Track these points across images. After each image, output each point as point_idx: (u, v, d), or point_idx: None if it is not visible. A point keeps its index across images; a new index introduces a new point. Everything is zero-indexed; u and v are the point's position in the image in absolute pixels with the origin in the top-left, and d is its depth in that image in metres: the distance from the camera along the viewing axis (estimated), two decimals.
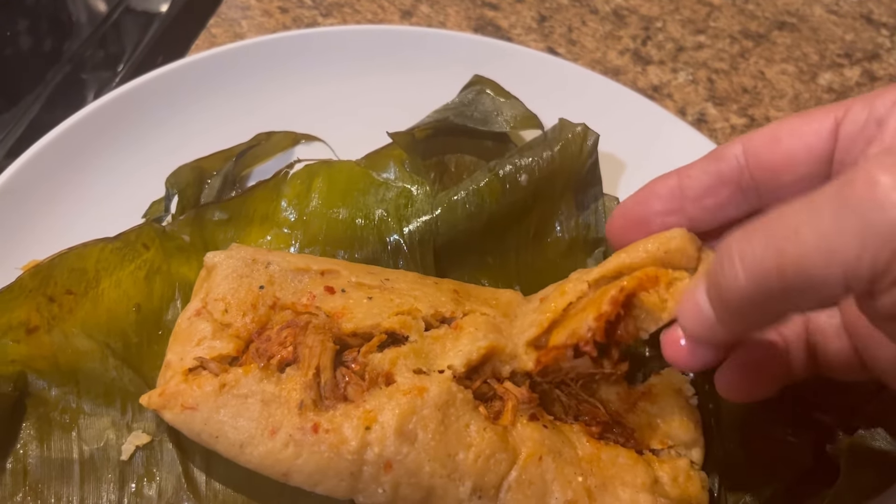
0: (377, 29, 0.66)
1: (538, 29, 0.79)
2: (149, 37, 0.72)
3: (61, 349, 0.50)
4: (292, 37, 0.64)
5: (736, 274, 0.33)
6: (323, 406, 0.46)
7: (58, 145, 0.55)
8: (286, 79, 0.64)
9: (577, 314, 0.46)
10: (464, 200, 0.58)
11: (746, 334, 0.36)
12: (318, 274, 0.52)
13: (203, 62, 0.61)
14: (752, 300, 0.33)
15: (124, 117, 0.59)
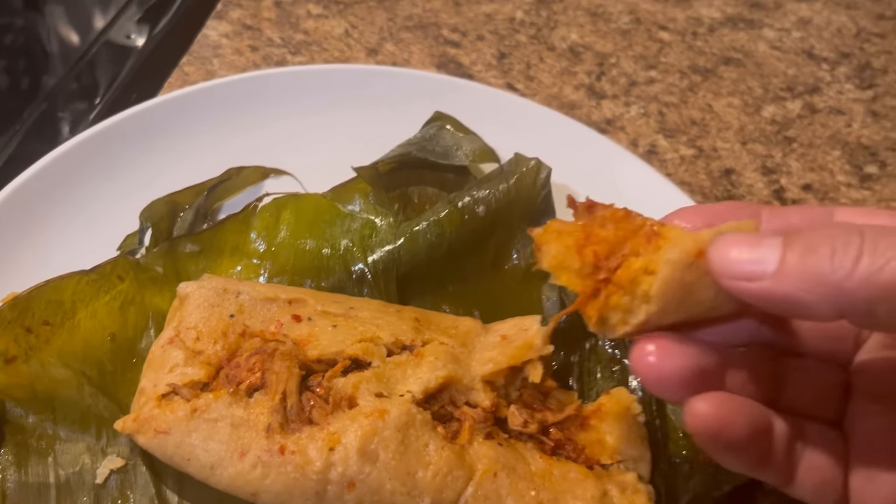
0: (343, 68, 0.69)
1: (498, 65, 0.83)
2: (123, 73, 0.75)
3: (38, 378, 0.52)
4: (262, 76, 0.67)
5: (857, 252, 0.31)
6: (289, 429, 0.48)
7: (35, 182, 0.58)
8: (256, 115, 0.67)
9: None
10: (425, 231, 0.61)
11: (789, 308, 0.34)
12: (286, 303, 0.55)
13: (176, 100, 0.64)
14: (848, 282, 0.31)
15: (100, 154, 0.61)
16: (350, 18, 0.84)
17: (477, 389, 0.52)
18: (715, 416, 0.37)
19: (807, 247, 0.33)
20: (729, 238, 0.35)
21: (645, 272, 0.37)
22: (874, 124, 0.84)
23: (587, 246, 0.39)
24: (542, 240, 0.40)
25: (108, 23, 0.79)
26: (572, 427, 0.54)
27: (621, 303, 0.38)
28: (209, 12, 0.83)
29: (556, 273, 0.39)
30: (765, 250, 0.34)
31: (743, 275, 0.34)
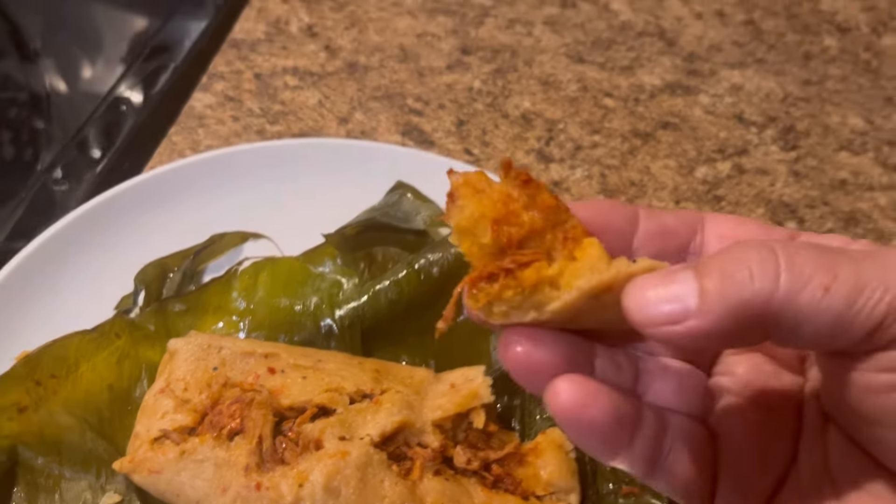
0: (314, 142, 0.78)
1: (456, 132, 0.92)
2: (117, 144, 0.83)
3: (46, 425, 0.59)
4: (241, 150, 0.75)
5: (774, 272, 0.31)
6: (264, 468, 0.56)
7: (40, 252, 0.66)
8: (236, 185, 0.75)
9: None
10: (386, 289, 0.70)
11: (714, 342, 0.32)
12: (262, 356, 0.63)
13: (164, 174, 0.72)
14: (768, 305, 0.31)
15: (97, 225, 0.69)
16: (323, 90, 0.93)
17: (428, 432, 0.60)
18: (576, 397, 0.34)
19: (723, 273, 0.31)
20: (641, 282, 0.33)
21: (550, 284, 0.34)
22: (795, 183, 0.93)
23: (504, 224, 0.34)
24: (458, 190, 0.35)
25: (103, 97, 0.87)
26: (511, 463, 0.63)
27: (513, 300, 0.34)
28: (195, 84, 0.91)
29: (461, 236, 0.35)
30: (680, 286, 0.32)
31: (664, 319, 0.32)
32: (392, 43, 0.99)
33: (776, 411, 0.39)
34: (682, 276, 0.32)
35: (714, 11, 1.11)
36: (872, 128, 1.00)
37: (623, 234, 0.39)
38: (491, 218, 0.34)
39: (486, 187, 0.35)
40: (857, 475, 0.36)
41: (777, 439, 0.39)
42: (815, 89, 1.04)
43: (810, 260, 0.31)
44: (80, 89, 0.90)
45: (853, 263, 0.31)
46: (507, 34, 1.03)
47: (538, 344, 0.35)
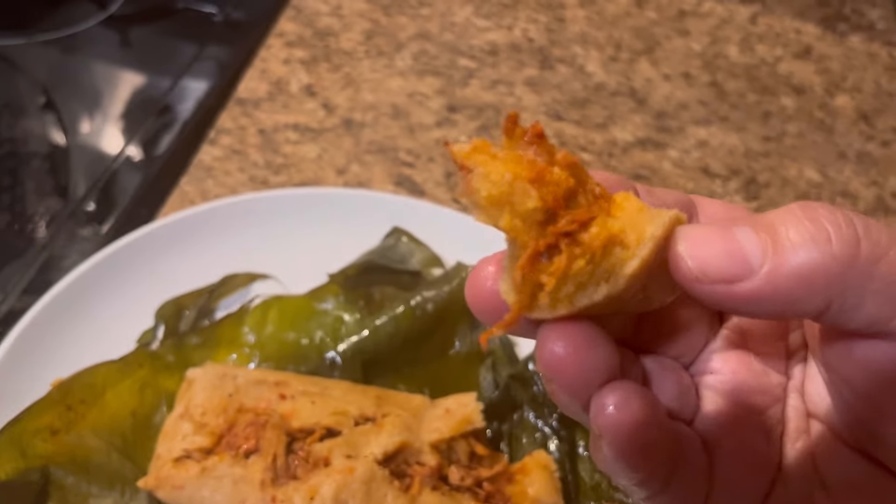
0: (318, 191, 0.85)
1: (445, 183, 0.99)
2: (132, 193, 0.90)
3: (76, 446, 0.65)
4: (251, 199, 0.82)
5: (853, 234, 0.28)
6: (278, 483, 0.62)
7: (72, 288, 0.72)
8: (246, 230, 0.81)
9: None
10: (385, 324, 0.76)
11: (773, 308, 0.29)
12: (274, 384, 0.69)
13: (180, 221, 0.79)
14: (847, 275, 0.28)
15: (120, 265, 0.75)
16: (322, 144, 1.00)
17: (426, 452, 0.66)
18: (640, 412, 0.30)
19: (798, 232, 0.28)
20: (695, 231, 0.29)
21: (620, 243, 0.28)
22: None
23: (542, 181, 0.27)
24: (472, 158, 0.28)
25: (118, 152, 0.94)
26: (501, 481, 0.69)
27: (583, 272, 0.28)
28: (203, 139, 0.98)
29: (492, 210, 0.28)
30: (744, 241, 0.28)
31: (722, 276, 0.28)
32: (385, 101, 1.07)
33: (764, 412, 0.37)
34: (744, 232, 0.28)
35: (681, 73, 1.21)
36: (827, 180, 1.09)
37: None
38: (527, 177, 0.27)
39: (498, 151, 0.28)
40: (849, 475, 0.35)
41: (766, 441, 0.37)
42: (773, 145, 1.13)
43: (883, 231, 0.28)
44: (89, 146, 0.96)
45: None
46: (490, 94, 1.12)
47: (587, 349, 0.30)
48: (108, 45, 1.09)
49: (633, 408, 0.30)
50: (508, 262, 0.30)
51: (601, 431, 0.30)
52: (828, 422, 0.35)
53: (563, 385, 0.30)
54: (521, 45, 1.20)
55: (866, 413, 0.32)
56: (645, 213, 0.29)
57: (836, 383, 0.33)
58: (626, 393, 0.30)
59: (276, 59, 1.10)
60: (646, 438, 0.30)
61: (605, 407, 0.30)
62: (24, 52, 1.05)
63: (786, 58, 1.27)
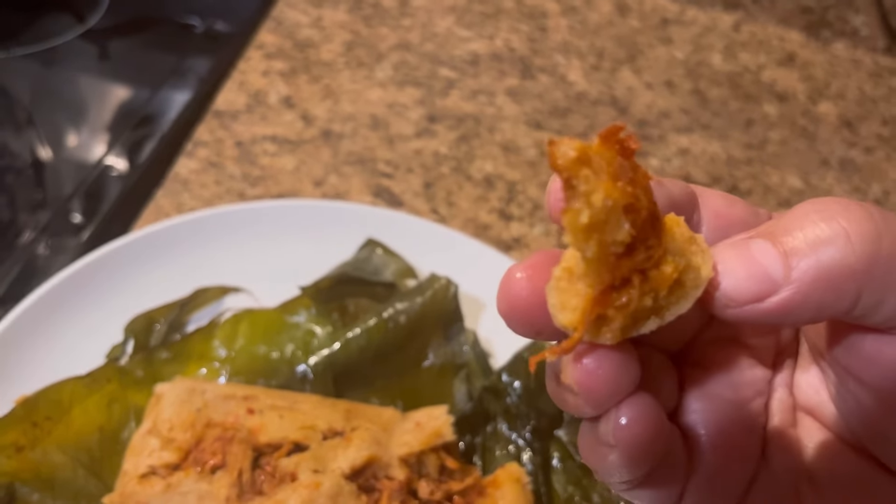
0: (291, 203, 0.84)
1: (424, 193, 0.99)
2: (105, 206, 0.90)
3: (42, 463, 0.64)
4: (223, 212, 0.82)
5: (876, 236, 0.27)
6: (244, 498, 0.61)
7: (38, 304, 0.71)
8: (219, 243, 0.81)
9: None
10: (357, 337, 0.75)
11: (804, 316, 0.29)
12: (242, 398, 0.68)
13: (151, 234, 0.78)
14: (873, 270, 0.27)
15: (90, 279, 0.74)
16: (300, 155, 1.00)
17: (394, 466, 0.65)
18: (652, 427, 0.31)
19: (815, 237, 0.28)
20: (727, 258, 0.29)
21: (678, 283, 0.28)
22: None
23: (633, 211, 0.26)
24: (575, 169, 0.25)
25: (93, 164, 0.94)
26: (472, 494, 0.68)
27: (644, 309, 0.28)
28: (179, 151, 0.98)
29: (589, 236, 0.26)
30: (763, 259, 0.28)
31: (750, 298, 0.28)
32: (364, 112, 1.07)
33: (747, 406, 0.37)
34: (761, 248, 0.28)
35: (663, 82, 1.21)
36: (809, 187, 1.09)
37: None
38: (623, 205, 0.26)
39: (597, 160, 0.26)
40: (839, 470, 0.35)
41: (748, 434, 0.37)
42: (756, 152, 1.13)
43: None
44: (69, 157, 0.96)
45: None
46: (470, 104, 1.11)
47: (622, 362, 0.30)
48: (88, 58, 1.09)
49: (647, 421, 0.30)
50: (565, 279, 0.28)
51: (616, 443, 0.30)
52: (821, 417, 0.35)
53: (591, 400, 0.30)
54: (503, 55, 1.20)
55: (877, 410, 0.31)
56: (694, 245, 0.29)
57: (843, 379, 0.32)
58: (643, 407, 0.30)
59: (255, 71, 1.10)
60: (654, 447, 0.31)
61: (621, 419, 0.30)
62: (2, 66, 1.05)
63: (769, 65, 1.27)
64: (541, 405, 0.74)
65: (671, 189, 0.34)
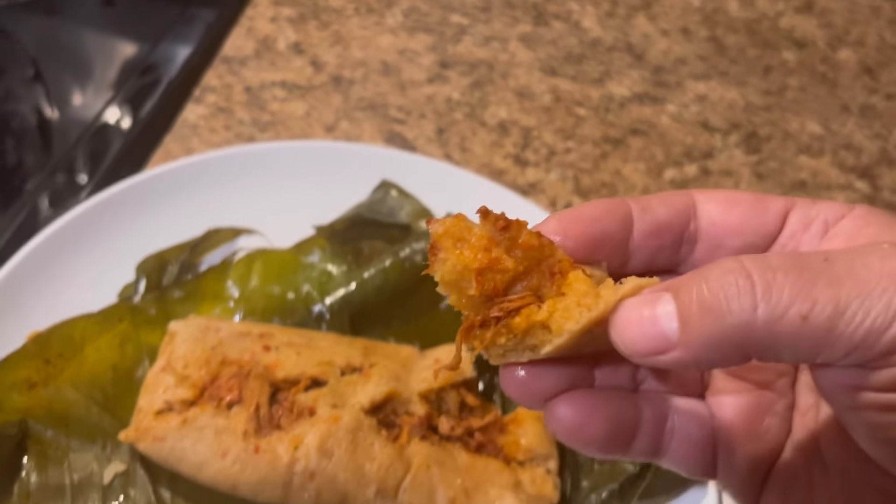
0: (304, 145, 0.83)
1: (437, 139, 0.97)
2: (114, 152, 0.88)
3: (54, 400, 0.63)
4: (236, 152, 0.80)
5: (751, 302, 0.30)
6: (262, 433, 0.60)
7: (51, 240, 0.70)
8: (231, 184, 0.79)
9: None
10: (373, 277, 0.74)
11: (699, 367, 0.33)
12: (258, 336, 0.67)
13: (163, 174, 0.77)
14: (748, 334, 0.30)
15: (102, 218, 0.73)
16: (310, 101, 0.98)
17: (414, 402, 0.64)
18: (573, 419, 0.37)
19: (700, 305, 0.31)
20: (625, 314, 0.33)
21: (542, 327, 0.35)
22: (758, 184, 0.99)
23: (488, 272, 0.34)
24: (440, 242, 0.35)
25: (100, 109, 0.92)
26: (493, 431, 0.67)
27: (507, 345, 0.35)
28: (188, 97, 0.96)
29: (447, 290, 0.36)
30: (661, 319, 0.32)
31: (649, 351, 0.32)
32: (375, 58, 1.05)
33: (770, 387, 0.40)
34: (663, 308, 0.32)
35: (679, 28, 1.18)
36: (829, 133, 1.07)
37: (618, 241, 0.38)
38: (474, 269, 0.34)
39: (468, 234, 0.35)
40: (846, 462, 0.36)
41: (769, 414, 0.40)
42: (775, 99, 1.10)
43: (787, 285, 0.30)
44: (74, 104, 0.94)
45: (832, 286, 0.30)
46: (483, 50, 1.09)
47: (537, 369, 0.37)
48: (92, 6, 1.06)
49: (573, 413, 0.37)
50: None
51: (553, 431, 0.38)
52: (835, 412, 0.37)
53: (520, 401, 0.38)
54: (515, 1, 1.17)
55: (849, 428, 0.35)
56: (582, 300, 0.34)
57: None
58: (566, 403, 0.37)
59: (262, 18, 1.08)
60: (591, 432, 0.37)
61: (552, 414, 0.38)
62: (6, 15, 1.02)
63: (787, 12, 1.24)
64: None
65: (657, 215, 0.38)
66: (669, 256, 0.40)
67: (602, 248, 0.38)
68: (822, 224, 0.38)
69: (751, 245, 0.39)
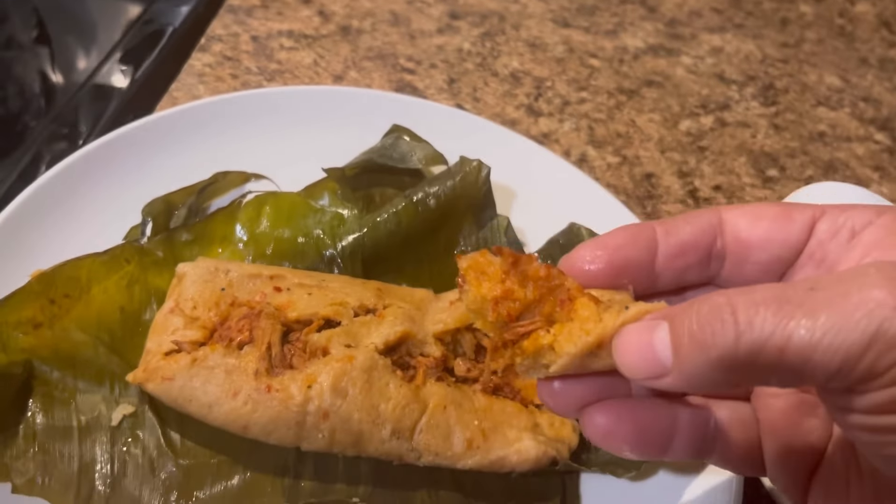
0: (314, 89, 0.80)
1: (448, 89, 0.95)
2: (120, 97, 0.86)
3: (60, 341, 0.61)
4: (245, 96, 0.78)
5: (734, 336, 0.32)
6: (274, 372, 0.58)
7: (56, 180, 0.68)
8: (240, 130, 0.77)
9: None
10: (385, 221, 0.72)
11: (695, 391, 0.36)
12: (268, 278, 0.65)
13: (171, 116, 0.75)
14: (733, 364, 0.32)
15: (108, 159, 0.71)
16: (318, 50, 0.96)
17: (429, 343, 0.62)
18: (604, 426, 0.40)
19: (690, 338, 0.33)
20: (624, 341, 0.36)
21: (551, 348, 0.38)
22: (776, 135, 0.97)
23: (504, 301, 0.39)
24: (466, 275, 0.40)
25: (101, 60, 0.90)
26: (510, 374, 0.65)
27: (523, 364, 0.40)
28: (193, 46, 0.94)
29: (473, 316, 0.41)
30: (657, 348, 0.34)
31: (647, 375, 0.35)
32: (383, 8, 1.03)
33: (812, 391, 0.42)
34: (659, 336, 0.35)
35: None
36: (848, 86, 1.04)
37: (643, 264, 0.41)
38: (491, 299, 0.39)
39: (486, 265, 0.40)
40: (874, 468, 0.37)
41: (812, 416, 0.42)
42: (792, 51, 1.08)
43: (769, 318, 0.31)
44: (83, 50, 0.92)
45: (810, 317, 0.31)
46: (494, 1, 1.06)
47: (569, 381, 0.40)
48: None
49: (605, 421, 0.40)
50: None
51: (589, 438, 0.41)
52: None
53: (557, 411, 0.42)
54: None
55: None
56: (585, 325, 0.38)
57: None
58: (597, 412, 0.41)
59: None
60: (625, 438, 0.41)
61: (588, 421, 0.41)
62: None
63: None
64: None
65: (682, 236, 0.41)
66: (699, 273, 0.42)
67: (626, 273, 0.41)
68: (849, 232, 0.39)
69: (777, 259, 0.41)
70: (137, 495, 0.58)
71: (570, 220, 0.74)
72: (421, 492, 0.60)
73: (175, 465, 0.59)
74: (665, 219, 0.42)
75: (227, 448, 0.60)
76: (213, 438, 0.60)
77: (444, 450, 0.59)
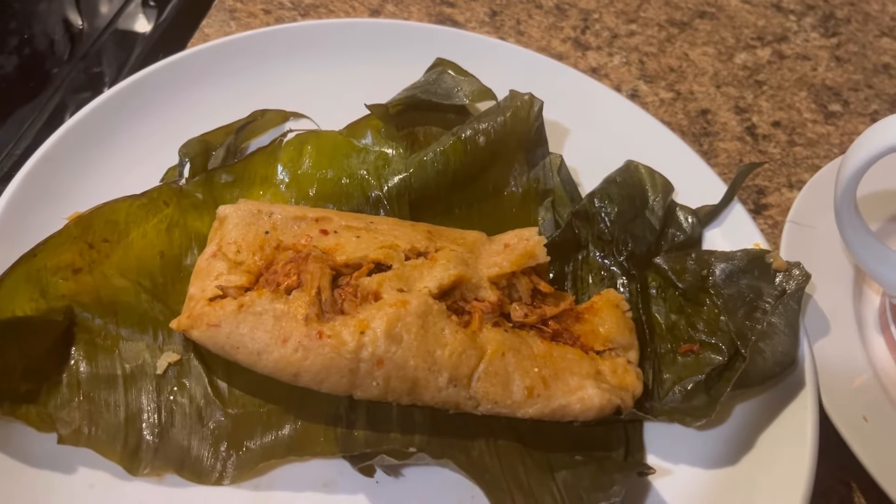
0: (353, 22, 0.76)
1: (490, 22, 0.90)
2: (149, 36, 0.82)
3: (101, 286, 0.59)
4: (280, 30, 0.74)
5: None
6: (324, 318, 0.56)
7: (90, 119, 0.65)
8: (276, 66, 0.74)
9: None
10: (432, 160, 0.68)
11: None
12: (314, 220, 0.62)
13: (204, 52, 0.71)
14: None
15: (143, 96, 0.68)
16: None
17: (484, 287, 0.59)
18: None
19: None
20: None
21: None
22: (838, 68, 0.92)
23: None
24: None
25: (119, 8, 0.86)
26: (568, 320, 0.62)
27: None
28: None
29: None
30: None
31: None
32: None
33: None
34: None
35: None
36: None
37: None
38: None
39: None
40: None
41: None
42: None
43: None
44: (103, 1, 0.88)
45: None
46: None
47: None
48: None
49: None
50: None
51: None
52: None
53: None
54: None
55: None
56: None
57: None
58: None
59: None
60: None
61: None
62: None
63: None
64: (635, 230, 0.67)
65: None
66: None
67: None
68: None
69: None
70: (186, 445, 0.56)
71: (627, 157, 0.70)
72: (479, 441, 0.58)
73: (224, 415, 0.57)
74: None
75: (277, 397, 0.58)
76: (261, 387, 0.58)
77: (503, 398, 0.56)
